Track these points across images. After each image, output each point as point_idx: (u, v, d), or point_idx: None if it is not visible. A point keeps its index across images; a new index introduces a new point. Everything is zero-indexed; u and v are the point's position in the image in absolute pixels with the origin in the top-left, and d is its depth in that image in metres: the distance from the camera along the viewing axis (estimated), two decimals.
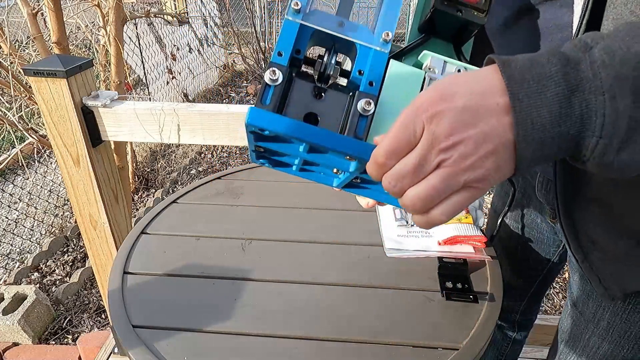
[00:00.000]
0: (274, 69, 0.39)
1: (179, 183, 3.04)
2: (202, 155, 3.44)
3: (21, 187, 2.76)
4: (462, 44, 0.51)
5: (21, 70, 1.32)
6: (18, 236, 2.41)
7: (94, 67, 1.26)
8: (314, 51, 0.46)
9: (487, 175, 0.34)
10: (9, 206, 2.63)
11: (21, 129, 1.87)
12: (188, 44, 4.41)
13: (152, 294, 0.73)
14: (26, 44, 2.32)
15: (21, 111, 1.99)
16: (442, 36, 0.51)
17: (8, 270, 2.14)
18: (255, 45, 4.75)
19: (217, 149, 3.49)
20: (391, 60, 0.43)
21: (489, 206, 0.98)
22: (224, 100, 4.56)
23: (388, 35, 0.41)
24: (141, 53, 3.49)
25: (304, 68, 0.42)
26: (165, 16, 3.19)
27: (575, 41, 0.33)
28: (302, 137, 0.38)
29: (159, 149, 3.35)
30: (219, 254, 0.82)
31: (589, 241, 0.58)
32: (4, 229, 2.46)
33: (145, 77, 3.58)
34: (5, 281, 2.04)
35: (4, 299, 1.72)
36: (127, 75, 2.43)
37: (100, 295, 1.98)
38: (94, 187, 1.17)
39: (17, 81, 1.91)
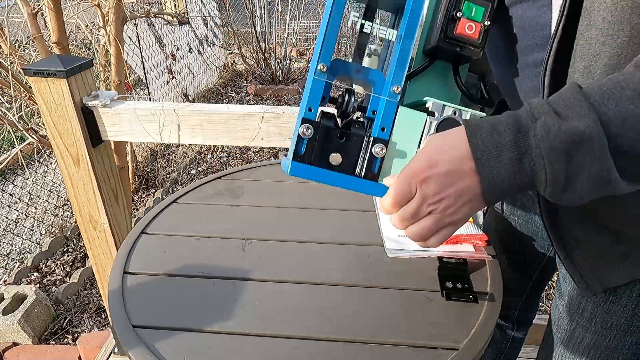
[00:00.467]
0: (307, 125, 0.50)
1: (179, 183, 3.04)
2: (202, 155, 3.44)
3: (21, 187, 2.76)
4: (460, 64, 0.60)
5: (21, 70, 1.32)
6: (18, 236, 2.41)
7: (94, 67, 1.26)
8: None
9: (465, 216, 0.48)
10: (9, 206, 2.63)
11: (21, 129, 1.87)
12: (188, 44, 4.41)
13: (152, 294, 0.73)
14: (26, 44, 2.32)
15: (21, 111, 1.99)
16: (443, 59, 0.59)
17: (8, 270, 2.14)
18: (255, 45, 4.75)
19: (217, 149, 3.49)
20: (400, 107, 0.52)
21: None
22: (224, 100, 4.56)
23: (397, 89, 0.51)
24: (141, 53, 3.49)
25: (327, 108, 0.53)
26: (165, 16, 3.19)
27: (528, 108, 0.44)
28: (332, 184, 0.52)
29: (159, 149, 3.35)
30: (219, 254, 0.82)
31: (572, 239, 0.61)
32: (4, 229, 2.46)
33: (145, 77, 3.58)
34: (5, 281, 2.04)
35: (4, 299, 1.72)
36: (127, 75, 2.43)
37: (100, 295, 1.98)
38: (94, 187, 1.17)
39: (17, 81, 1.91)
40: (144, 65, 3.53)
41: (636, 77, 0.41)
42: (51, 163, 2.96)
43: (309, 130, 0.50)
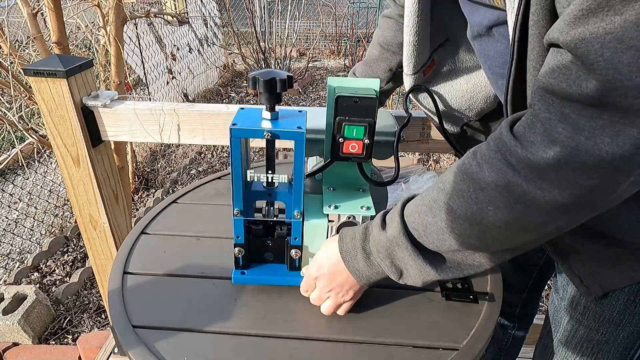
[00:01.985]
0: (239, 248, 0.71)
1: (179, 183, 3.04)
2: (202, 155, 3.44)
3: (21, 187, 2.76)
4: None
5: (21, 70, 1.32)
6: (18, 236, 2.41)
7: (94, 67, 1.26)
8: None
9: (355, 295, 0.66)
10: (9, 206, 2.63)
11: (21, 129, 1.87)
12: (188, 44, 4.40)
13: (152, 294, 0.73)
14: (26, 44, 2.32)
15: (21, 111, 1.99)
16: None
17: (8, 270, 2.14)
18: (255, 45, 4.75)
19: (217, 149, 3.49)
20: (305, 221, 0.69)
21: None
22: (224, 100, 4.56)
23: (299, 214, 0.68)
24: (141, 53, 3.49)
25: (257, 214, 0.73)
26: (165, 16, 3.19)
27: (374, 222, 0.61)
28: (265, 283, 0.74)
29: (159, 149, 3.35)
30: (219, 254, 0.82)
31: (564, 245, 0.62)
32: (4, 229, 2.46)
33: (145, 77, 3.58)
34: (5, 281, 2.04)
35: (4, 299, 1.72)
36: (127, 75, 2.43)
37: (100, 295, 1.98)
38: (94, 187, 1.17)
39: (17, 81, 1.91)
40: (144, 65, 3.53)
41: (428, 196, 0.53)
42: (51, 163, 2.96)
43: (241, 251, 0.71)
